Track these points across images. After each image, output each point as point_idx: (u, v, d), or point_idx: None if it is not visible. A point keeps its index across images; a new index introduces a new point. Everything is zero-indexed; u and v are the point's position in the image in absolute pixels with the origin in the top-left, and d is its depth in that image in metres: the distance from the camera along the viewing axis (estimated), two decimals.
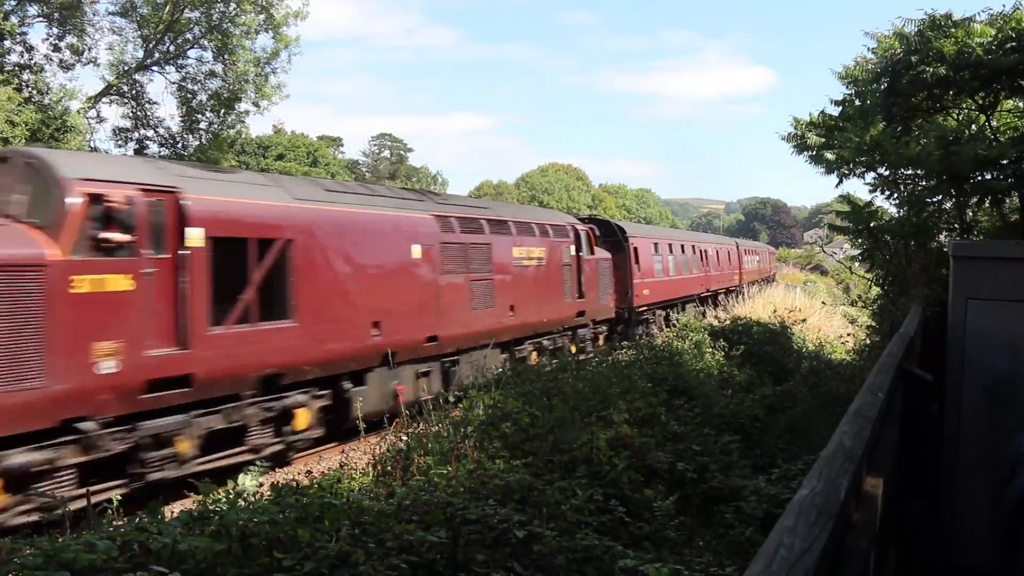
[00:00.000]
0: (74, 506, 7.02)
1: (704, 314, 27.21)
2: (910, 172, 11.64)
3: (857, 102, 12.43)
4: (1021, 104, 11.01)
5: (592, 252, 20.59)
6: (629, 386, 9.91)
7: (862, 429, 2.55)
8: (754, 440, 9.65)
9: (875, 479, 2.96)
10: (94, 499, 7.12)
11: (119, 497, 6.87)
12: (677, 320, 21.56)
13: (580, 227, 20.19)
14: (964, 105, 11.20)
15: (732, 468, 7.99)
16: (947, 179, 9.98)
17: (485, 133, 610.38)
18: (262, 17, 29.89)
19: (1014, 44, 9.35)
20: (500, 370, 11.68)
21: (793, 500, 1.74)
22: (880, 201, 12.96)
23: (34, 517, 7.40)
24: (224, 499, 5.23)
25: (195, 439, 9.47)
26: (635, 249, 24.16)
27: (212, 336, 9.56)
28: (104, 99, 30.29)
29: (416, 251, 13.20)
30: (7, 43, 25.77)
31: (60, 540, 4.62)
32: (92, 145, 29.33)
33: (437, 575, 4.59)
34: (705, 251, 33.80)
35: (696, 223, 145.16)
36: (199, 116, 31.79)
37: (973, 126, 10.94)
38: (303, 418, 11.06)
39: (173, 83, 31.15)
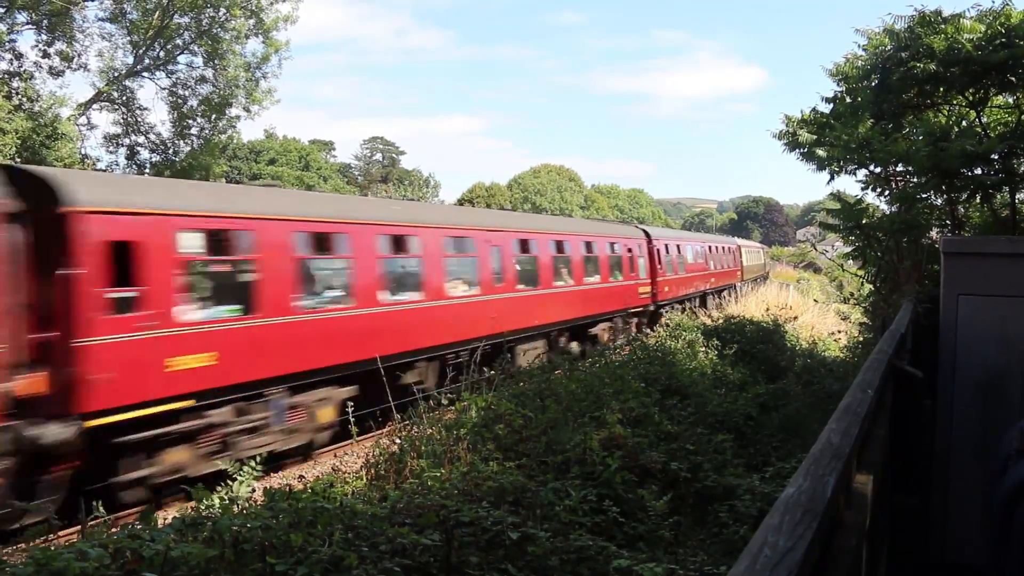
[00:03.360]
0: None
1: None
2: (901, 169, 11.66)
3: (848, 99, 12.45)
4: (1011, 100, 11.02)
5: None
6: (622, 386, 9.92)
7: (850, 426, 2.55)
8: (748, 439, 9.65)
9: (865, 476, 2.96)
10: None
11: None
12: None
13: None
14: (954, 101, 11.20)
15: (726, 467, 8.00)
16: (936, 175, 9.98)
17: (477, 135, 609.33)
18: (252, 22, 29.88)
19: (1003, 40, 9.37)
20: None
21: (779, 499, 1.74)
22: (871, 198, 12.98)
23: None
24: (217, 504, 5.23)
25: None
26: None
27: None
28: (95, 106, 30.25)
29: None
30: None
31: (52, 547, 4.60)
32: (83, 152, 29.29)
33: None
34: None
35: (689, 223, 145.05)
36: (190, 121, 31.76)
37: (963, 122, 10.94)
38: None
39: (164, 89, 31.18)
